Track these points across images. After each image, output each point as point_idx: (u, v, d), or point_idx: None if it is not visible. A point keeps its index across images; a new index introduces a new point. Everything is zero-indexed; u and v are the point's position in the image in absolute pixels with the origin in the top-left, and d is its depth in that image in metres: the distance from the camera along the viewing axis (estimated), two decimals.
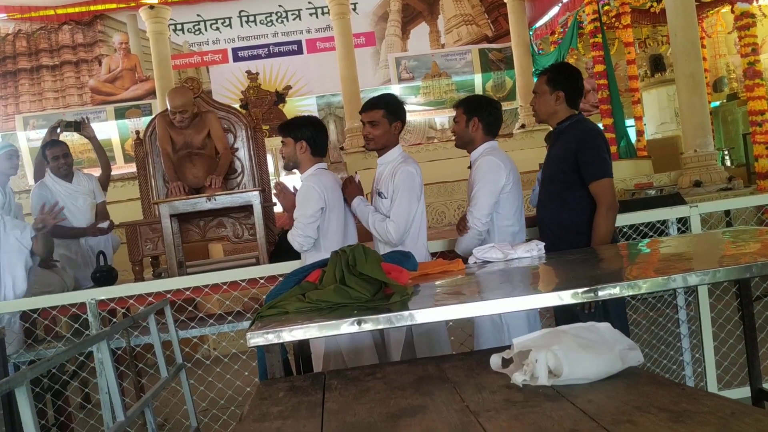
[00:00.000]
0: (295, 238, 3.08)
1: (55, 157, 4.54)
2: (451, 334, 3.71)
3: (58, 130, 4.74)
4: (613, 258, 2.49)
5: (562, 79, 2.99)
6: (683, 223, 3.62)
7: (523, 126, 12.73)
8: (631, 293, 1.87)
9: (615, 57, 12.47)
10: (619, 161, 9.50)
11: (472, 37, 14.60)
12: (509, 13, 13.15)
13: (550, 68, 3.12)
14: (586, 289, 1.82)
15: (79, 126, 4.81)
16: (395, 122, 3.14)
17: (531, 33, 13.57)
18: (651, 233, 3.66)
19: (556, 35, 13.42)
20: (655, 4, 11.84)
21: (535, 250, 2.52)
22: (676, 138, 11.95)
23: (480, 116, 3.09)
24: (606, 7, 11.76)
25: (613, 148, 10.59)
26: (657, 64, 13.52)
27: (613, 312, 2.82)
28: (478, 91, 14.49)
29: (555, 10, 12.92)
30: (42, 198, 4.32)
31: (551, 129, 3.13)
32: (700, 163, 8.80)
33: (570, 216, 2.92)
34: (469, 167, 3.17)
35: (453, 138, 3.34)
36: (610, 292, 1.83)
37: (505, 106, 14.55)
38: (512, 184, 3.01)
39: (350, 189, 3.22)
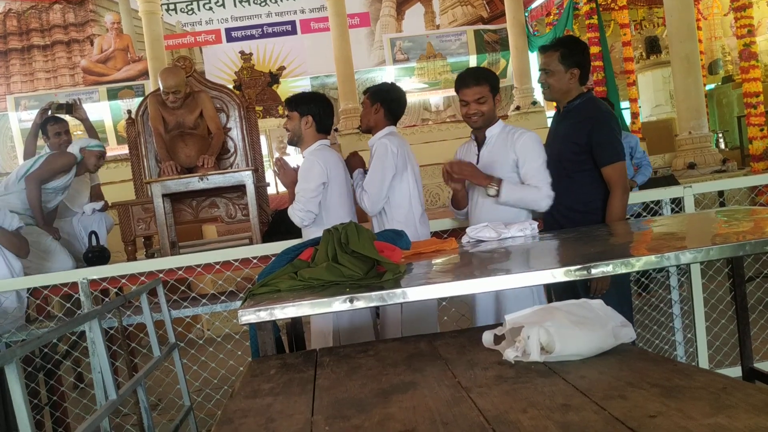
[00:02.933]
0: (296, 213, 3.07)
1: (57, 134, 4.48)
2: (446, 315, 3.72)
3: (50, 112, 4.68)
4: (606, 237, 2.48)
5: (576, 54, 2.85)
6: (677, 204, 3.61)
7: (518, 108, 12.68)
8: (624, 271, 1.87)
9: (610, 39, 12.43)
10: None
11: (468, 18, 14.51)
12: None
13: (560, 44, 2.91)
14: (579, 266, 1.81)
15: (71, 108, 4.75)
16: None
17: (526, 14, 13.48)
18: (645, 213, 3.66)
19: (552, 16, 13.35)
20: None
21: (529, 229, 2.51)
22: (671, 120, 11.95)
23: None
24: None
25: None
26: (653, 46, 13.49)
27: (616, 295, 2.73)
28: None
29: None
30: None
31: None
32: (695, 146, 8.81)
33: (577, 196, 2.84)
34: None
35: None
36: (603, 269, 1.82)
37: (501, 84, 14.50)
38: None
39: (354, 161, 3.29)
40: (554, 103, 3.11)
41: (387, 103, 3.17)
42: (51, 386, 3.51)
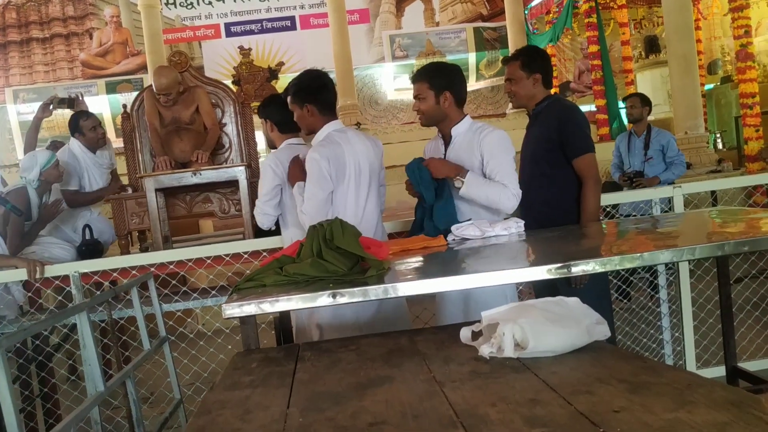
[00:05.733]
0: (255, 215, 3.01)
1: (93, 128, 4.49)
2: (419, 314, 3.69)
3: (51, 107, 4.69)
4: (591, 235, 2.51)
5: (535, 61, 2.99)
6: (668, 204, 3.64)
7: (515, 107, 12.72)
8: (603, 269, 1.90)
9: (610, 38, 12.44)
10: (611, 142, 9.51)
11: (467, 15, 14.52)
12: None
13: (519, 53, 3.06)
14: (559, 265, 1.83)
15: (73, 103, 4.76)
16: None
17: (526, 12, 13.48)
18: (634, 213, 3.69)
19: (551, 15, 13.34)
20: None
21: (514, 227, 2.53)
22: (669, 120, 11.95)
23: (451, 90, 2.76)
24: None
25: (605, 129, 10.60)
26: (652, 46, 13.48)
27: (594, 289, 2.81)
28: (472, 70, 14.44)
29: None
30: (69, 166, 4.31)
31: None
32: (691, 145, 8.82)
33: (555, 194, 2.92)
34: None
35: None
36: (583, 268, 1.85)
37: (498, 83, 14.50)
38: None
39: (293, 171, 2.86)
40: None
41: (313, 98, 2.77)
42: (43, 378, 3.53)
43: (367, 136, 2.92)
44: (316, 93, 2.76)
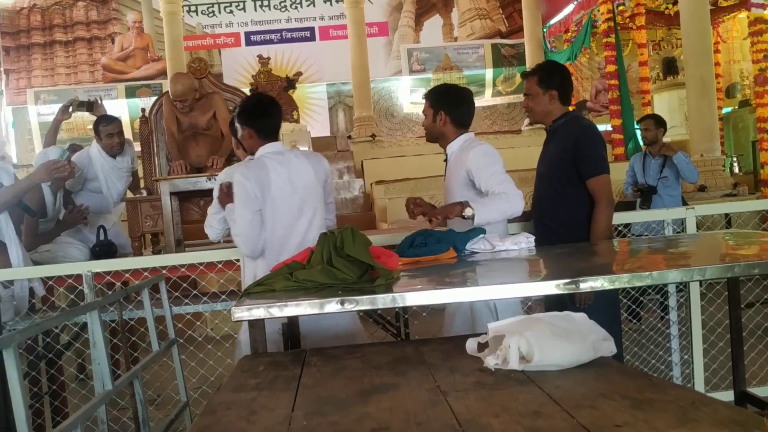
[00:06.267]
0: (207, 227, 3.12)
1: (109, 135, 4.44)
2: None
3: (71, 109, 4.74)
4: (601, 253, 2.51)
5: (553, 77, 2.98)
6: (680, 225, 3.63)
7: (531, 123, 12.71)
8: (612, 287, 1.90)
9: (628, 58, 12.43)
10: (626, 162, 9.49)
11: (486, 32, 14.58)
12: (524, 9, 13.12)
13: (538, 69, 3.06)
14: (568, 280, 1.83)
15: (92, 106, 4.81)
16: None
17: (544, 30, 13.52)
18: (646, 233, 3.68)
19: (570, 33, 13.37)
20: (670, 6, 11.79)
21: (524, 242, 2.53)
22: (685, 142, 11.90)
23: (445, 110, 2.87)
24: (621, 7, 11.71)
25: (621, 149, 10.57)
26: (670, 67, 13.48)
27: (603, 309, 2.79)
28: (489, 86, 14.48)
29: (570, 8, 12.86)
30: (82, 168, 4.35)
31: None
32: (706, 168, 8.78)
33: (567, 212, 2.92)
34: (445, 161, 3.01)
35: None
36: (591, 284, 1.85)
37: (513, 99, 14.52)
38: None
39: (221, 196, 2.96)
40: None
41: (252, 123, 2.87)
42: (52, 375, 3.56)
43: (310, 155, 2.99)
44: (255, 119, 2.87)
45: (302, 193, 2.82)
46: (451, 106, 2.87)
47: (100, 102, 4.92)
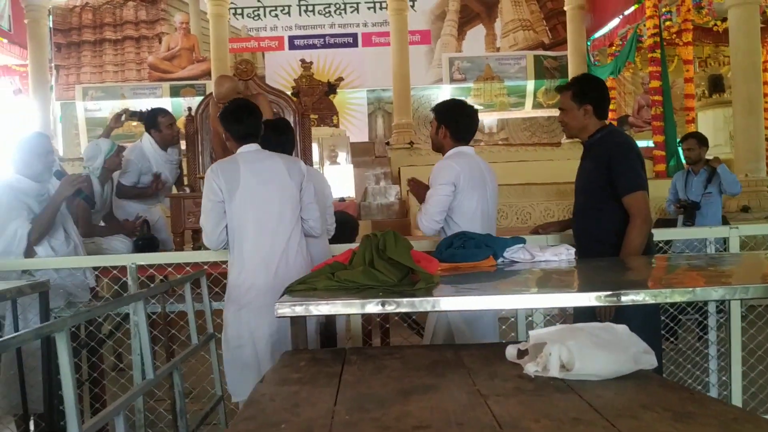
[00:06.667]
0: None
1: (170, 125, 4.65)
2: None
3: (122, 118, 4.90)
4: (642, 268, 2.50)
5: (587, 92, 2.96)
6: (723, 244, 3.58)
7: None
8: (654, 301, 1.89)
9: (673, 74, 12.25)
10: (667, 180, 9.37)
11: (528, 43, 14.51)
12: (568, 21, 13.03)
13: (573, 83, 3.05)
14: (609, 293, 1.84)
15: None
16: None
17: (588, 43, 13.41)
18: (687, 251, 3.64)
19: (614, 47, 13.24)
20: (719, 23, 11.60)
21: (564, 254, 2.54)
22: (729, 161, 11.68)
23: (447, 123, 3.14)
24: (668, 23, 11.56)
25: (662, 166, 10.43)
26: (716, 85, 13.24)
27: (642, 323, 2.76)
28: (530, 97, 14.41)
29: (615, 22, 12.74)
30: (130, 163, 4.49)
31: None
32: (750, 189, 8.62)
33: (601, 227, 2.89)
34: None
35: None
36: (633, 298, 1.84)
37: (555, 113, 14.43)
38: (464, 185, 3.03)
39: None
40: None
41: (228, 126, 3.12)
42: (92, 363, 3.65)
43: (285, 158, 3.17)
44: (228, 123, 3.11)
45: (271, 188, 3.00)
46: (452, 121, 3.13)
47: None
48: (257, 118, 3.19)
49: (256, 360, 2.93)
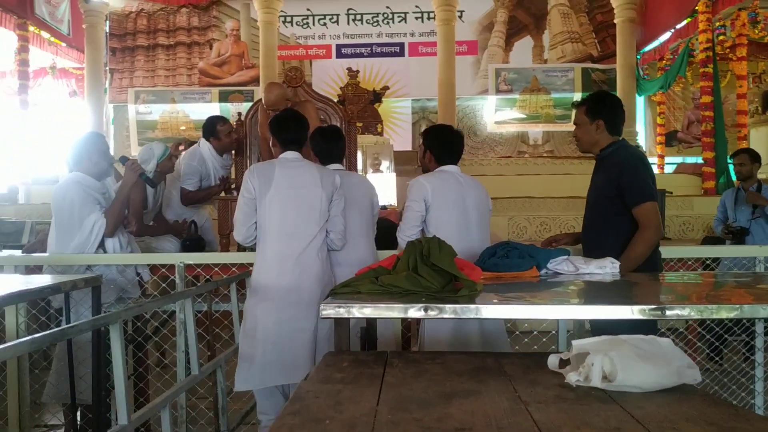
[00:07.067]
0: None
1: (228, 134, 4.80)
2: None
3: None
4: (688, 284, 2.47)
5: (600, 107, 3.03)
6: None
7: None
8: (700, 316, 1.87)
9: (725, 90, 12.01)
10: (715, 197, 9.18)
11: (577, 55, 14.37)
12: (618, 34, 12.87)
13: (587, 99, 3.13)
14: (653, 306, 1.83)
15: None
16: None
17: (638, 56, 13.23)
18: (735, 269, 3.57)
19: (665, 61, 13.04)
20: None
21: (609, 267, 2.52)
22: None
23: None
24: (721, 37, 11.33)
25: (711, 183, 10.22)
26: None
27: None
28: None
29: (666, 36, 12.56)
30: (190, 167, 4.63)
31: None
32: None
33: (609, 241, 2.92)
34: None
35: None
36: (678, 312, 1.83)
37: None
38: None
39: None
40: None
41: (276, 133, 3.32)
42: (138, 359, 3.76)
43: (323, 169, 3.32)
44: (277, 131, 3.32)
45: (300, 194, 3.16)
46: (436, 146, 3.42)
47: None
48: (303, 129, 3.35)
49: (263, 353, 3.03)
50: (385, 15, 14.59)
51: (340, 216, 3.27)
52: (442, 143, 3.43)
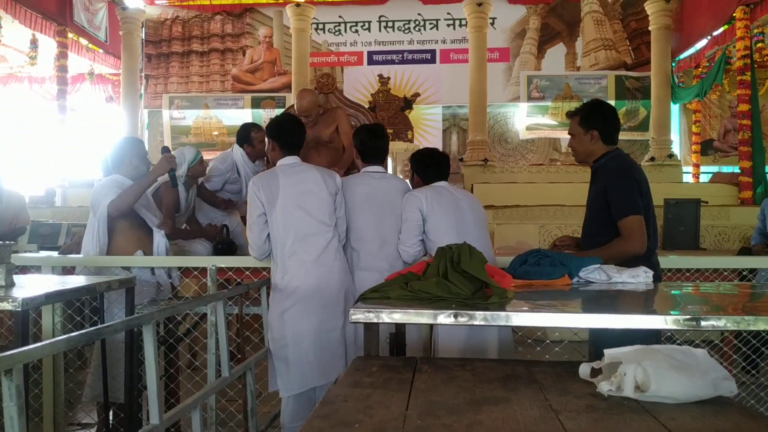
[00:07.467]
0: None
1: (262, 141, 4.77)
2: None
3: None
4: (724, 295, 2.42)
5: (594, 117, 2.99)
6: None
7: (652, 159, 12.24)
8: (736, 328, 1.83)
9: (763, 98, 11.78)
10: (753, 207, 8.99)
11: (610, 63, 14.23)
12: (653, 41, 12.70)
13: (581, 108, 3.09)
14: (688, 317, 1.80)
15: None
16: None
17: (673, 64, 13.04)
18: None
19: (701, 69, 12.82)
20: None
21: (642, 276, 2.48)
22: None
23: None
24: (759, 44, 11.11)
25: (748, 193, 10.02)
26: None
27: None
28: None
29: (702, 43, 12.35)
30: (226, 173, 4.69)
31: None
32: None
33: None
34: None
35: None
36: (713, 323, 1.80)
37: (636, 136, 14.10)
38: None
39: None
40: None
41: (275, 137, 3.38)
42: (169, 360, 3.80)
43: (322, 170, 3.40)
44: (278, 134, 3.37)
45: (309, 198, 3.23)
46: (421, 170, 3.54)
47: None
48: (303, 132, 3.46)
49: (299, 357, 3.13)
50: (417, 22, 14.61)
51: (344, 217, 3.37)
52: (427, 166, 3.53)
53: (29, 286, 2.60)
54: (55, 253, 4.56)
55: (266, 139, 3.48)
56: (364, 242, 3.37)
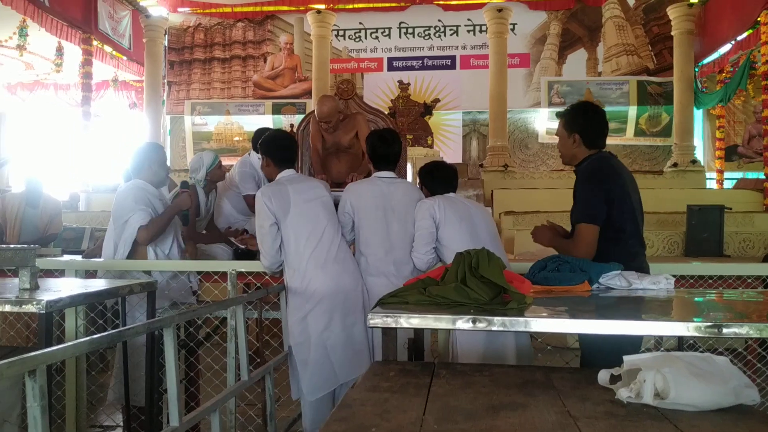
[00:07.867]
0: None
1: None
2: None
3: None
4: (748, 302, 2.39)
5: (577, 121, 2.93)
6: None
7: (675, 165, 12.12)
8: (759, 336, 1.81)
9: None
10: None
11: (632, 68, 14.12)
12: (675, 46, 12.60)
13: (566, 111, 3.03)
14: (710, 323, 1.78)
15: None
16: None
17: (696, 69, 12.91)
18: None
19: (724, 74, 12.70)
20: None
21: (663, 283, 2.46)
22: None
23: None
24: None
25: None
26: None
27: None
28: (632, 124, 14.01)
29: (726, 48, 12.23)
30: (245, 174, 4.72)
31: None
32: None
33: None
34: None
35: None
36: (735, 330, 1.78)
37: (659, 142, 13.97)
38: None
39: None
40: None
41: (269, 153, 3.48)
42: (189, 364, 3.83)
43: (311, 179, 3.61)
44: (273, 150, 3.48)
45: (316, 204, 3.37)
46: (429, 183, 3.56)
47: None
48: (297, 147, 3.61)
49: (324, 357, 3.21)
50: (437, 28, 14.63)
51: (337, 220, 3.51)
52: (434, 177, 3.57)
53: (53, 289, 2.64)
54: (78, 257, 4.62)
55: (260, 156, 3.59)
56: (371, 247, 3.39)
